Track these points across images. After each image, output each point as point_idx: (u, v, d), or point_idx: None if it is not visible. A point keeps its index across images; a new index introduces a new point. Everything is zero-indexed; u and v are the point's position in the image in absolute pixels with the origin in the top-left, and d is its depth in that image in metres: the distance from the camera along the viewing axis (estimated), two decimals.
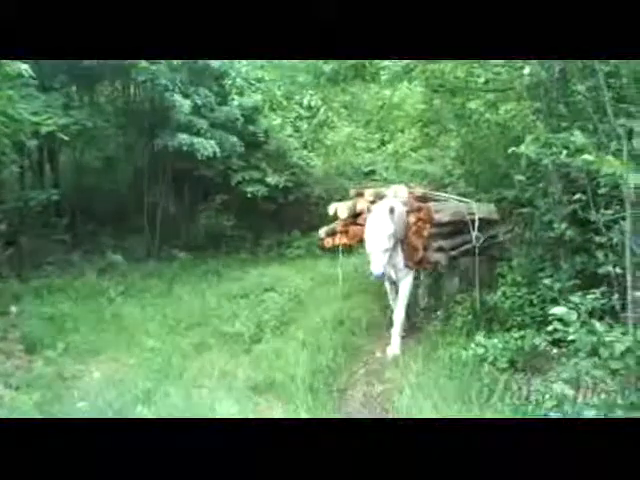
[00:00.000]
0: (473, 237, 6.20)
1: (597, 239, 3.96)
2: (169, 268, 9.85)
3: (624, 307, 3.65)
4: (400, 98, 9.92)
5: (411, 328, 6.33)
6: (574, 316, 2.95)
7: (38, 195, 9.16)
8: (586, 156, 2.75)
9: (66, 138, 7.36)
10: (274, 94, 11.24)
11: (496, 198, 6.36)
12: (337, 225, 6.50)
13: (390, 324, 6.05)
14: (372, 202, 6.08)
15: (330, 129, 11.93)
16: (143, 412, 4.43)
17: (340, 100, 11.40)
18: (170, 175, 10.91)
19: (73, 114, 8.50)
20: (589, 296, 3.31)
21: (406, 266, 5.95)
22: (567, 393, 3.03)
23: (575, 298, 3.16)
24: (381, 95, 10.81)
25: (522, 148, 3.44)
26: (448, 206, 6.46)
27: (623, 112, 3.48)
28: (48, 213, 10.14)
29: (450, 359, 4.75)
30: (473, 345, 4.28)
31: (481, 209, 6.50)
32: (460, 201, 6.65)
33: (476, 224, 6.22)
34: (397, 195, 6.09)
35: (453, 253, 6.39)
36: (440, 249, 6.15)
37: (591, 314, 3.40)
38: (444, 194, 6.86)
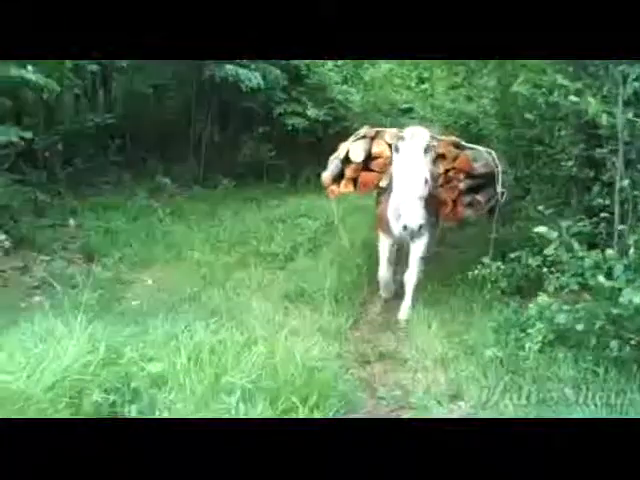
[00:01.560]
0: (499, 192, 5.37)
1: (596, 175, 4.43)
2: (213, 193, 10.50)
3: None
4: None
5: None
6: (554, 234, 3.47)
7: (94, 118, 9.79)
8: (572, 97, 3.18)
9: (124, 64, 7.89)
10: None
11: (515, 135, 6.66)
12: (345, 168, 5.65)
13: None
14: (391, 145, 5.20)
15: (370, 64, 12.17)
16: (190, 310, 5.16)
17: None
18: (216, 105, 11.39)
19: None
20: (579, 223, 3.84)
21: (429, 222, 5.07)
22: (547, 302, 3.58)
23: (563, 223, 3.67)
24: None
25: (514, 87, 3.85)
26: (479, 155, 5.63)
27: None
28: (102, 136, 10.77)
29: (461, 280, 5.32)
30: (479, 267, 4.82)
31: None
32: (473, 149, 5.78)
33: (500, 177, 5.40)
34: (414, 135, 4.97)
35: (484, 209, 5.62)
36: (470, 204, 5.43)
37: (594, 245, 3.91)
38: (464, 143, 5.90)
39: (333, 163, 5.73)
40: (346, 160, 5.59)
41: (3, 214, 7.18)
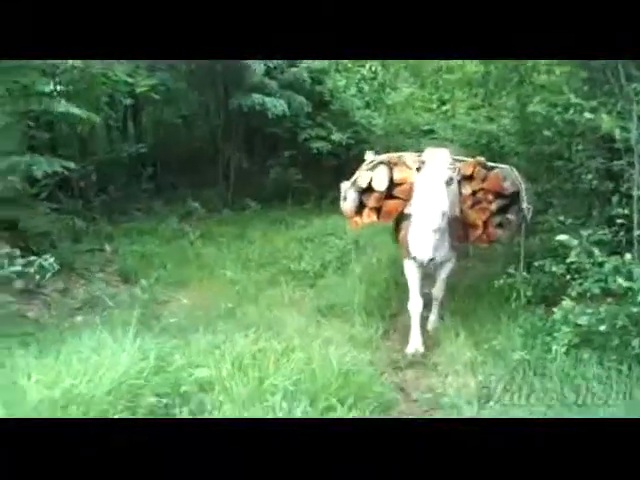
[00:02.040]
0: (524, 208, 5.22)
1: (616, 187, 4.61)
2: (241, 216, 10.80)
3: None
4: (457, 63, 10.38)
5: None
6: (575, 242, 3.66)
7: (128, 148, 10.22)
8: (586, 114, 3.39)
9: (157, 97, 8.29)
10: None
11: (535, 152, 6.85)
12: (366, 197, 5.46)
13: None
14: (417, 170, 4.90)
15: (392, 89, 12.50)
16: (227, 325, 5.39)
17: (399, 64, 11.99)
18: (243, 132, 11.78)
19: (159, 75, 9.41)
20: (600, 232, 4.03)
21: (453, 246, 5.08)
22: (571, 305, 3.75)
23: (584, 232, 3.86)
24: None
25: (531, 107, 4.07)
26: (507, 173, 5.38)
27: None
28: (134, 165, 11.21)
29: (487, 290, 5.50)
30: (504, 276, 5.00)
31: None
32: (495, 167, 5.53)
33: (524, 193, 5.25)
34: (435, 160, 4.80)
35: (515, 228, 5.46)
36: (500, 224, 5.31)
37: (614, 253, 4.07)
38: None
39: (352, 192, 5.48)
40: (367, 189, 5.41)
41: (43, 241, 7.52)
